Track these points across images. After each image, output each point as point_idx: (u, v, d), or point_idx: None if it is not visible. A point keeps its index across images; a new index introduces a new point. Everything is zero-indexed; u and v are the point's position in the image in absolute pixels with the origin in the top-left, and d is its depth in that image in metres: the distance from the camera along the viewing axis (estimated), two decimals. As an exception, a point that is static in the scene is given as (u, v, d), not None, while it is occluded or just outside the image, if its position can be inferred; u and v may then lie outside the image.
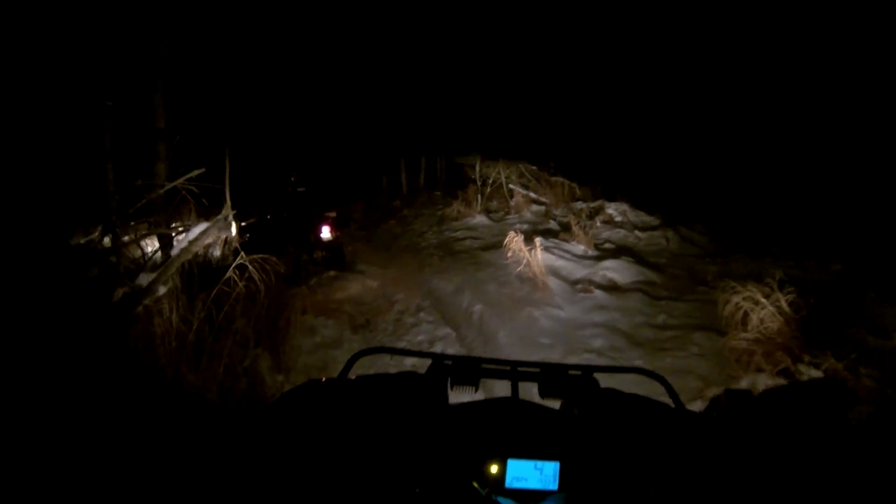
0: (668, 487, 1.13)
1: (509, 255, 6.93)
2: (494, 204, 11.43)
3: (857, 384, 3.90)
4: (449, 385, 1.46)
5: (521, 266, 6.65)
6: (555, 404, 1.47)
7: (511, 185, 11.69)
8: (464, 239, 9.35)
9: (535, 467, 1.22)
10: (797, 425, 1.16)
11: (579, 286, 6.56)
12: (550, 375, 1.50)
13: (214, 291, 4.46)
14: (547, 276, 6.60)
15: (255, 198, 7.58)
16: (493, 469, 1.21)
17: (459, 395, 1.45)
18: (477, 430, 1.29)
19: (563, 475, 1.21)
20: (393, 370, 1.46)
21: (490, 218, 10.54)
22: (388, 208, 11.92)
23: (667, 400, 1.45)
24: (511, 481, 1.21)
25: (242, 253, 4.58)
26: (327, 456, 1.09)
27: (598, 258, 7.65)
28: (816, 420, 1.16)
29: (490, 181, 11.65)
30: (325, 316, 6.25)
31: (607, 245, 8.54)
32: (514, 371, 1.53)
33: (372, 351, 1.61)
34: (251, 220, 7.28)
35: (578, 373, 1.50)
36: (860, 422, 1.20)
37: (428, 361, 1.51)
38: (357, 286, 7.39)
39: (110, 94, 4.80)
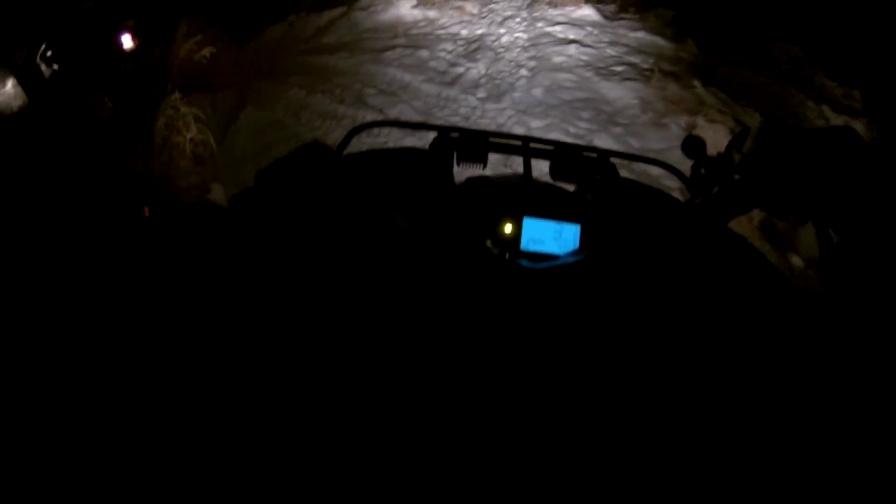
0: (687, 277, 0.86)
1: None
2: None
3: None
4: (455, 161, 1.27)
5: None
6: (568, 188, 1.29)
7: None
8: (562, 59, 5.76)
9: (555, 230, 1.08)
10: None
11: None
12: (564, 155, 1.30)
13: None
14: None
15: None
16: (508, 228, 1.07)
17: (466, 173, 1.28)
18: (489, 195, 1.15)
19: (584, 240, 1.07)
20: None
21: (600, 13, 6.80)
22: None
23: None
24: (527, 243, 1.08)
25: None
26: (321, 233, 0.86)
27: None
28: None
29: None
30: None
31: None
32: (525, 147, 1.32)
33: (371, 125, 1.46)
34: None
35: (594, 155, 1.30)
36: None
37: (432, 137, 1.28)
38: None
39: None
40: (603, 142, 4.22)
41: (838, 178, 0.88)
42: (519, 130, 4.30)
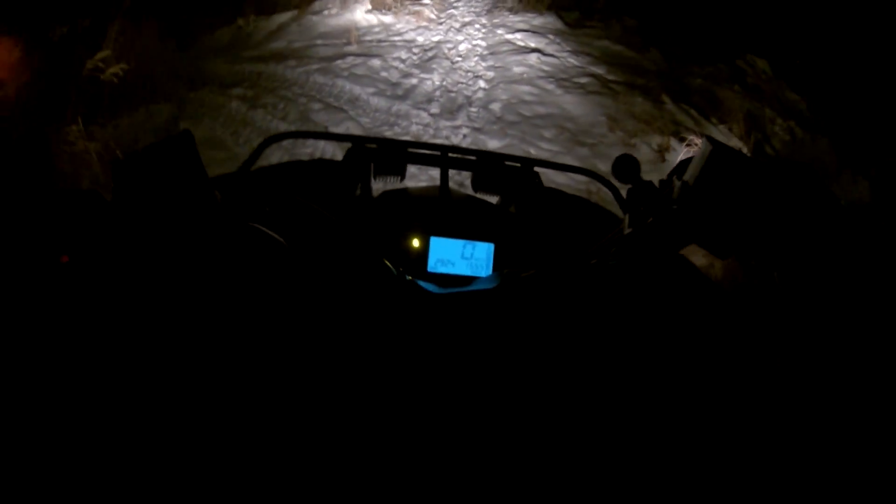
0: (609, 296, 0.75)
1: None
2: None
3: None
4: (372, 173, 1.15)
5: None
6: (491, 199, 1.19)
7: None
8: (522, 70, 5.20)
9: (464, 250, 0.97)
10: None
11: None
12: (486, 165, 1.18)
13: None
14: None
15: None
16: (415, 243, 0.97)
17: (383, 185, 1.16)
18: (399, 211, 1.04)
19: (498, 262, 0.95)
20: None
21: (562, 20, 6.29)
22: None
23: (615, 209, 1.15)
24: (434, 264, 0.97)
25: None
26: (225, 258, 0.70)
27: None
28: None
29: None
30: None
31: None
32: (444, 157, 1.18)
33: (284, 136, 1.25)
34: None
35: (517, 165, 1.17)
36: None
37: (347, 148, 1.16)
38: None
39: None
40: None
41: (790, 219, 0.78)
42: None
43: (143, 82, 4.59)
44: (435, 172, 3.38)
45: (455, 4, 6.20)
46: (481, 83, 4.58)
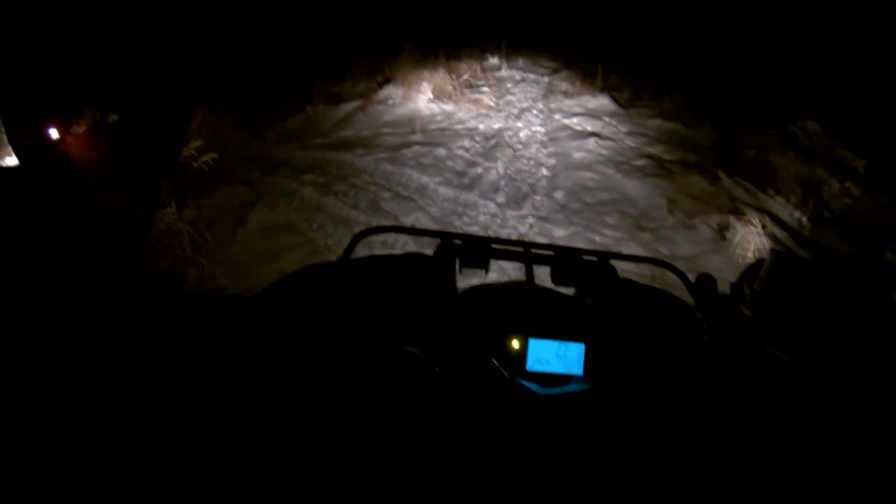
0: (693, 388, 0.81)
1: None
2: (616, 78, 7.15)
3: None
4: (458, 267, 1.24)
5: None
6: (568, 290, 1.28)
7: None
8: (582, 155, 5.35)
9: (558, 350, 1.05)
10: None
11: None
12: (564, 260, 1.27)
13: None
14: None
15: None
16: (515, 345, 1.05)
17: (469, 278, 1.27)
18: (494, 309, 1.15)
19: (589, 360, 1.05)
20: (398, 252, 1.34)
21: (616, 101, 6.47)
22: (480, 69, 7.10)
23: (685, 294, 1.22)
24: (533, 364, 1.05)
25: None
26: (331, 342, 0.82)
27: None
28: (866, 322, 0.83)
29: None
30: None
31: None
32: (526, 253, 1.28)
33: (376, 230, 1.35)
34: None
35: (594, 259, 1.27)
36: None
37: (435, 242, 1.27)
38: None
39: None
40: (631, 251, 3.79)
41: (845, 318, 0.82)
42: (542, 241, 3.89)
43: (221, 167, 4.90)
44: (504, 264, 3.49)
45: (512, 91, 6.49)
46: (544, 171, 4.75)
